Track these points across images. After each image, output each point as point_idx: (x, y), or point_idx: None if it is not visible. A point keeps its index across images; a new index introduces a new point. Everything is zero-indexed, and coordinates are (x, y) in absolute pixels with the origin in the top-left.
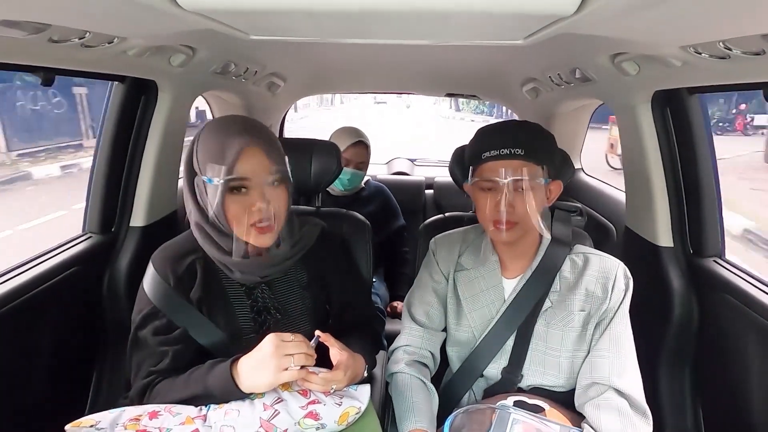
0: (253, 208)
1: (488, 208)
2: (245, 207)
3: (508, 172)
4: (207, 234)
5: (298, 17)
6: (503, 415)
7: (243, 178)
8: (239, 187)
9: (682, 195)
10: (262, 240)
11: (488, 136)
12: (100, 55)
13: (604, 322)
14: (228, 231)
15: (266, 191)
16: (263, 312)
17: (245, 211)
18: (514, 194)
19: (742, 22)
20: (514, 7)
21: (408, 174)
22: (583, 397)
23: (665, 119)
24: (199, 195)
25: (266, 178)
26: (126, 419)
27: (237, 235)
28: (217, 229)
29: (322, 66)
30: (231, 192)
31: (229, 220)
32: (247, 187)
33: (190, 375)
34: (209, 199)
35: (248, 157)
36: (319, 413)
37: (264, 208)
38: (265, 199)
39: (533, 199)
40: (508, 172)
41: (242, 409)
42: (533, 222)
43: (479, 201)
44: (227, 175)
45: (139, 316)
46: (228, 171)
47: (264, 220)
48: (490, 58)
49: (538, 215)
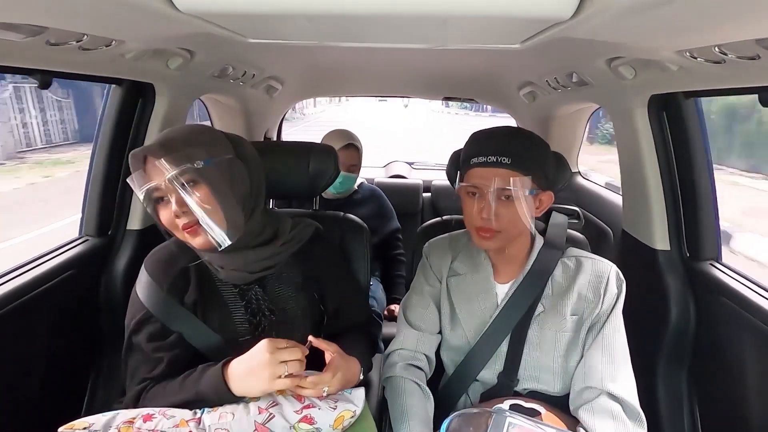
0: (174, 214)
1: (471, 214)
2: (168, 214)
3: (493, 181)
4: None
5: (295, 21)
6: (499, 418)
7: (152, 188)
8: (157, 198)
9: (678, 198)
10: (198, 240)
11: (479, 142)
12: (97, 58)
13: (596, 326)
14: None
15: (180, 197)
16: (258, 313)
17: (170, 219)
18: (498, 203)
19: (737, 27)
20: (511, 11)
21: (405, 177)
22: (577, 401)
23: (661, 123)
24: None
25: (174, 182)
26: (120, 422)
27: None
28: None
29: (320, 69)
30: (156, 203)
31: (166, 228)
32: (160, 195)
33: (184, 379)
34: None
35: (150, 166)
36: (314, 417)
37: (179, 213)
38: (179, 203)
39: (517, 209)
40: (492, 180)
41: (237, 413)
42: (516, 232)
43: (465, 206)
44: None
45: (133, 322)
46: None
47: (187, 224)
48: (488, 62)
49: (523, 225)
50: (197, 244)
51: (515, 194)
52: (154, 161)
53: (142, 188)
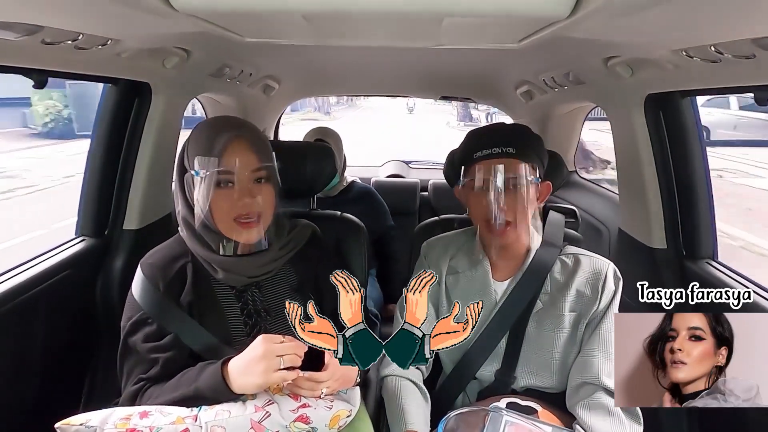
0: (238, 202)
1: (482, 208)
2: (230, 201)
3: (501, 170)
4: (195, 232)
5: (292, 20)
6: (496, 417)
7: (228, 171)
8: (225, 181)
9: (675, 197)
10: (246, 235)
11: (479, 137)
12: (93, 57)
13: (594, 323)
14: (214, 227)
15: (252, 188)
16: (254, 315)
17: (230, 206)
18: (507, 192)
19: (733, 27)
20: (508, 10)
21: (403, 176)
22: (574, 397)
23: (658, 122)
24: (188, 192)
25: (251, 174)
26: (116, 418)
27: (221, 229)
28: (205, 226)
29: (317, 68)
30: (218, 186)
31: (214, 214)
32: (233, 181)
33: (181, 377)
34: (197, 194)
35: (234, 151)
36: (310, 417)
37: (248, 203)
38: (250, 194)
39: (526, 197)
40: (501, 169)
41: (233, 410)
42: (527, 220)
43: (472, 202)
44: (213, 166)
45: (129, 323)
46: (214, 163)
47: (247, 215)
48: (484, 61)
49: (531, 214)
50: (243, 238)
51: (522, 182)
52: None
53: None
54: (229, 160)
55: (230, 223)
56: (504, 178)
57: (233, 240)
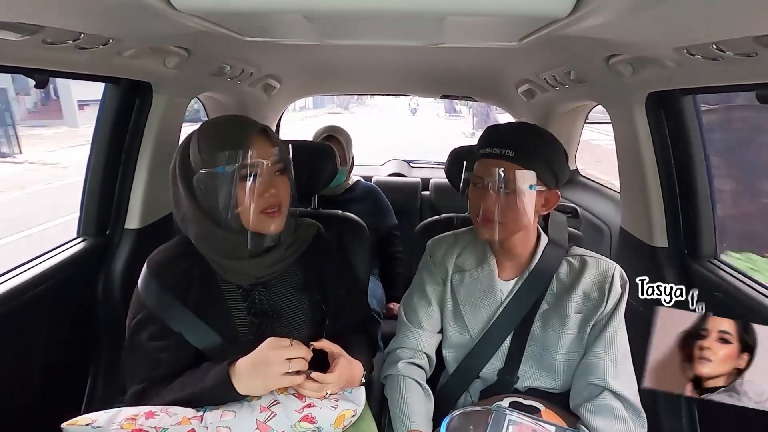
0: (265, 194)
1: (473, 204)
2: (257, 193)
3: (495, 171)
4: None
5: (292, 19)
6: (499, 416)
7: (253, 164)
8: (252, 174)
9: (676, 196)
10: (273, 225)
11: (490, 134)
12: (94, 57)
13: (599, 324)
14: (236, 223)
15: (274, 179)
16: (260, 314)
17: (256, 198)
18: (499, 194)
19: (734, 24)
20: (509, 9)
21: (404, 175)
22: (578, 398)
23: (659, 120)
24: (202, 191)
25: (273, 167)
26: (122, 418)
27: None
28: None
29: (318, 68)
30: (243, 180)
31: (242, 208)
32: (257, 174)
33: (187, 377)
34: (217, 191)
35: (257, 144)
36: (315, 416)
37: (274, 194)
38: (274, 185)
39: (518, 202)
40: (495, 171)
41: (239, 411)
42: (518, 226)
43: (469, 197)
44: (240, 160)
45: (134, 322)
46: (240, 156)
47: (272, 206)
48: (485, 59)
49: (525, 220)
50: (270, 228)
51: (514, 187)
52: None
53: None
54: (255, 154)
55: (257, 215)
56: (496, 179)
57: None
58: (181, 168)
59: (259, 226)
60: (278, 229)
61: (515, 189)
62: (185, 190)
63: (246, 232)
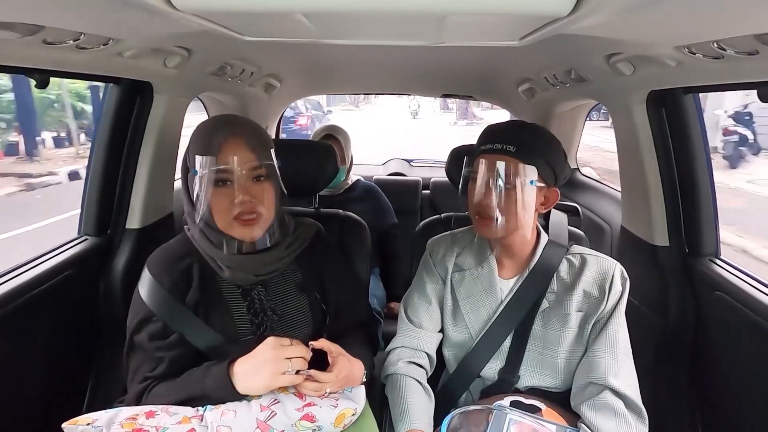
0: (236, 201)
1: (472, 199)
2: (228, 199)
3: (495, 166)
4: (200, 231)
5: (293, 18)
6: (500, 415)
7: (226, 169)
8: (223, 180)
9: (677, 194)
10: (248, 233)
11: (490, 131)
12: (94, 57)
13: (600, 323)
14: (215, 225)
15: (250, 186)
16: (260, 313)
17: (228, 204)
18: (499, 191)
19: (735, 23)
20: (509, 8)
21: (405, 175)
22: (579, 397)
23: (660, 119)
24: (191, 190)
25: (249, 172)
26: (123, 418)
27: (221, 228)
28: (207, 225)
29: (319, 67)
30: (216, 185)
31: (214, 213)
32: (231, 180)
33: (187, 377)
34: (197, 192)
35: (231, 149)
36: (315, 415)
37: (246, 202)
38: (249, 192)
39: (517, 198)
40: (494, 165)
41: (239, 410)
42: (516, 222)
43: (468, 194)
44: (210, 165)
45: (135, 321)
46: (211, 162)
47: (247, 213)
48: (486, 58)
49: (524, 216)
50: (245, 236)
51: (514, 182)
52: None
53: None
54: (226, 158)
55: (230, 222)
56: (495, 174)
57: (235, 238)
58: (183, 166)
59: (234, 233)
60: (255, 237)
61: (516, 184)
62: (184, 187)
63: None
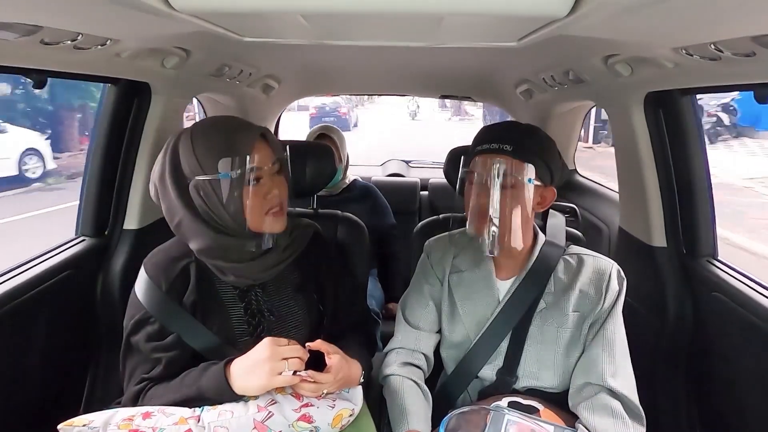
0: (268, 195)
1: (470, 199)
2: (260, 196)
3: (493, 166)
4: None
5: (291, 19)
6: (498, 416)
7: (258, 167)
8: (256, 178)
9: (675, 195)
10: (278, 225)
11: (486, 132)
12: (92, 57)
13: (597, 323)
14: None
15: (274, 179)
16: (257, 315)
17: (261, 200)
18: (498, 190)
19: (732, 24)
20: (507, 9)
21: (403, 175)
22: (576, 397)
23: (658, 120)
24: (201, 197)
25: (272, 168)
26: (119, 419)
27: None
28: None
29: (317, 68)
30: (247, 185)
31: (248, 212)
32: (260, 176)
33: (184, 377)
34: (220, 197)
35: (258, 148)
36: (313, 416)
37: (276, 195)
38: (276, 186)
39: (516, 197)
40: (492, 165)
41: (236, 410)
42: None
43: (466, 194)
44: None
45: (132, 322)
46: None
47: (277, 205)
48: (484, 60)
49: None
50: (275, 227)
51: (512, 182)
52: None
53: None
54: (259, 158)
55: (263, 218)
56: (494, 174)
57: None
58: (172, 174)
59: (266, 228)
60: (283, 227)
61: (513, 183)
62: (179, 197)
63: (250, 235)
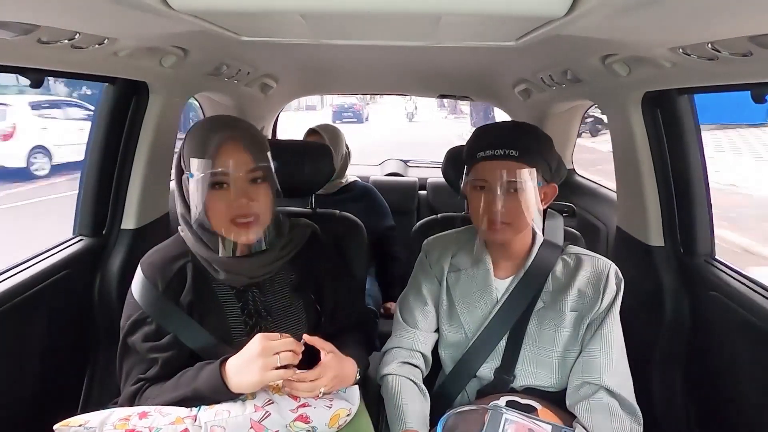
0: (233, 203)
1: (481, 208)
2: (225, 202)
3: (502, 173)
4: (194, 233)
5: (289, 18)
6: (496, 415)
7: (223, 172)
8: (220, 182)
9: (672, 195)
10: (244, 236)
11: (484, 136)
12: (90, 57)
13: (595, 323)
14: (211, 228)
15: (247, 188)
16: (254, 314)
17: (226, 207)
18: (507, 195)
19: (730, 24)
20: (505, 9)
21: (401, 175)
22: (574, 396)
23: (655, 120)
24: (185, 192)
25: (246, 175)
26: (116, 419)
27: (217, 231)
28: (202, 227)
29: (315, 67)
30: (212, 188)
31: (210, 216)
32: (227, 182)
33: (180, 377)
34: (193, 195)
35: (228, 152)
36: (310, 416)
37: (244, 204)
38: (246, 195)
39: (526, 200)
40: (501, 172)
41: (233, 410)
42: (525, 224)
43: (473, 200)
44: (207, 169)
45: (128, 322)
46: (208, 165)
47: (243, 216)
48: (482, 59)
49: (532, 217)
50: (241, 239)
51: (522, 186)
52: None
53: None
54: (223, 162)
55: (227, 225)
56: (504, 181)
57: (232, 240)
58: (176, 166)
59: (231, 235)
60: (252, 240)
61: (523, 188)
62: (178, 189)
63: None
